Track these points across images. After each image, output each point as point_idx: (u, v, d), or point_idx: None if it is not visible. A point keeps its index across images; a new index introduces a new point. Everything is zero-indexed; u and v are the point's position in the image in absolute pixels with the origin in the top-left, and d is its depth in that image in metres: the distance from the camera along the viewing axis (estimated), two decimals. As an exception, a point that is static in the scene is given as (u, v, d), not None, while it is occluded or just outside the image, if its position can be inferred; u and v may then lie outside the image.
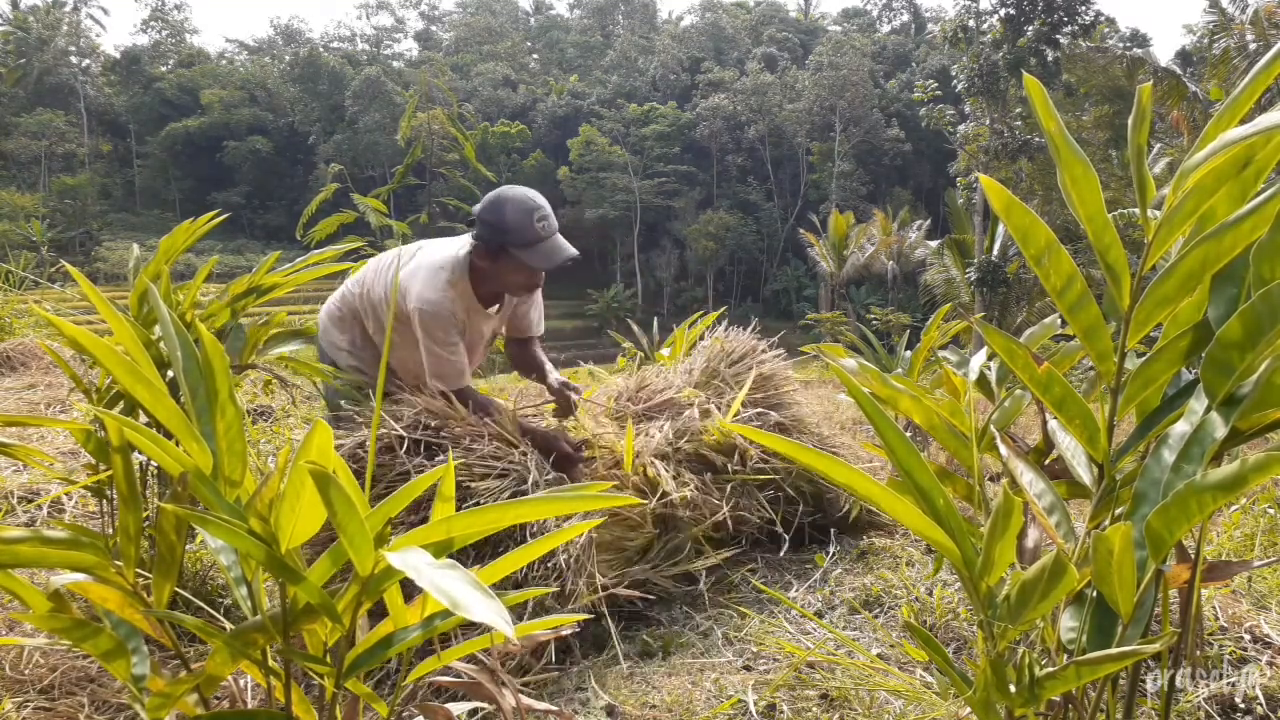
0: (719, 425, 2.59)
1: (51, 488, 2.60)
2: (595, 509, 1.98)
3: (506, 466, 2.13)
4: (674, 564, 2.32)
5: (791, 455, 1.06)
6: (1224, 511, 2.65)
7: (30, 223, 34.43)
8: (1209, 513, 0.96)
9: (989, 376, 1.79)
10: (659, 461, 2.41)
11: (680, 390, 2.78)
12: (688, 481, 2.42)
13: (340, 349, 2.63)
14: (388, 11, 71.12)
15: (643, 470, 2.37)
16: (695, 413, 2.65)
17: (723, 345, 3.06)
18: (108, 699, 1.56)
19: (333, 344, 2.64)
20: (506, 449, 2.19)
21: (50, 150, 44.74)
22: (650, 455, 2.42)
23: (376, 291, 2.54)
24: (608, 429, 2.55)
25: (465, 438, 2.18)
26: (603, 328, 36.13)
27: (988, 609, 1.03)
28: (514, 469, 2.13)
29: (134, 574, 0.98)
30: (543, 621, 1.18)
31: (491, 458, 2.14)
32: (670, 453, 2.49)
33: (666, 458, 2.47)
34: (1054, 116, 1.06)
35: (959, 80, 20.91)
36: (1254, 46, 13.62)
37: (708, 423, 2.63)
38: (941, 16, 45.20)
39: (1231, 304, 1.09)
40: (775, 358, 3.08)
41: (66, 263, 2.29)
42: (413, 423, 2.21)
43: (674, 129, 48.30)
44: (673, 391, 2.77)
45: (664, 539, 2.36)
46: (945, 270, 22.29)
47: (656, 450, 2.45)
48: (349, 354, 2.63)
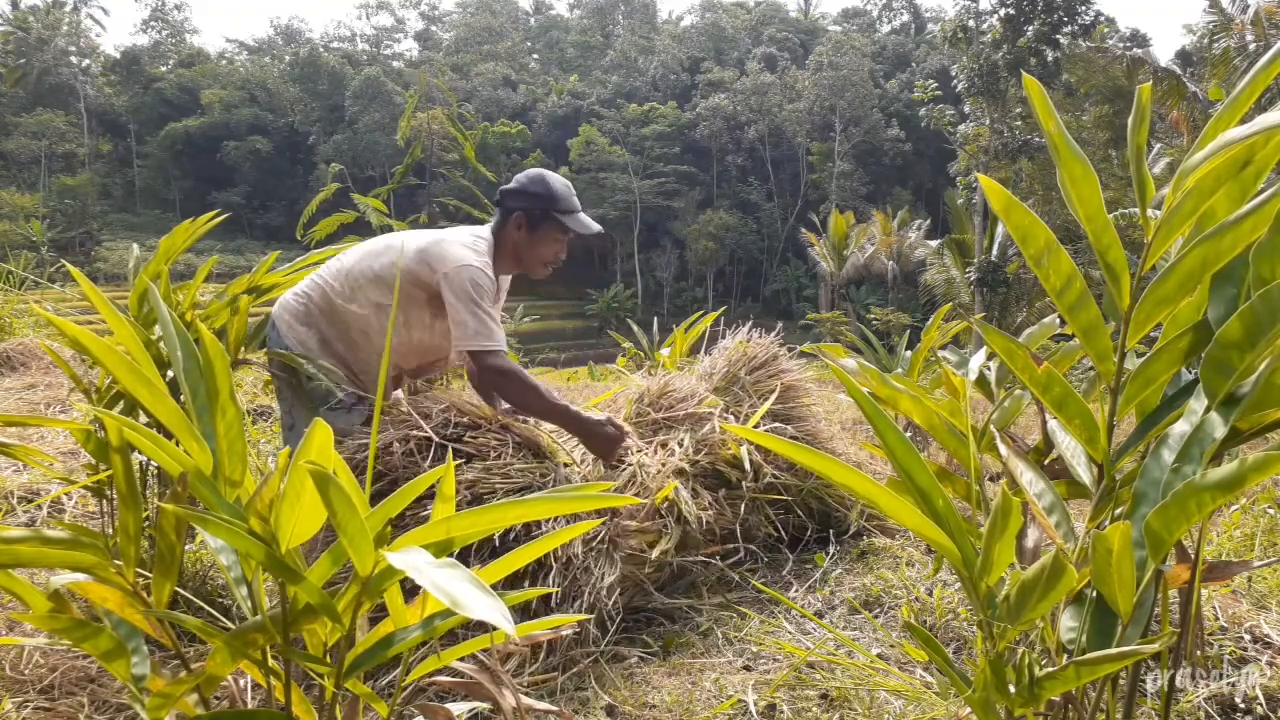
0: (735, 434, 2.59)
1: (51, 488, 2.60)
2: (595, 509, 1.99)
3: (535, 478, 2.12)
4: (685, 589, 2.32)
5: (791, 456, 1.06)
6: (1224, 511, 2.65)
7: (30, 223, 34.44)
8: (1208, 512, 0.96)
9: (989, 376, 1.79)
10: (681, 486, 2.40)
11: (701, 400, 2.76)
12: (706, 504, 2.43)
13: (310, 346, 2.53)
14: (388, 11, 71.11)
15: (666, 496, 2.36)
16: (716, 424, 2.64)
17: (745, 350, 3.04)
18: (108, 699, 1.56)
19: (300, 341, 2.53)
20: (537, 463, 2.18)
21: (50, 150, 44.73)
22: (670, 474, 2.41)
23: (375, 266, 2.43)
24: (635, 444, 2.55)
25: (492, 443, 2.16)
26: (603, 328, 36.12)
27: (987, 609, 1.03)
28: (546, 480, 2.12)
29: (134, 574, 0.98)
30: (543, 621, 1.18)
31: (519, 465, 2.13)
32: (688, 468, 2.49)
33: (684, 474, 2.46)
34: (1054, 116, 1.06)
35: (959, 80, 20.92)
36: (1254, 46, 13.62)
37: (726, 437, 2.63)
38: (941, 16, 45.24)
39: (1231, 304, 1.09)
40: (799, 368, 3.07)
41: (67, 262, 2.29)
42: (441, 422, 2.18)
43: (674, 129, 48.31)
44: (694, 403, 2.74)
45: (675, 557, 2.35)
46: (945, 270, 22.30)
47: (676, 468, 2.45)
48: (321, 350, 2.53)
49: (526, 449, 2.22)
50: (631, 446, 2.43)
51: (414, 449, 2.10)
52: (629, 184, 45.70)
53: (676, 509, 2.33)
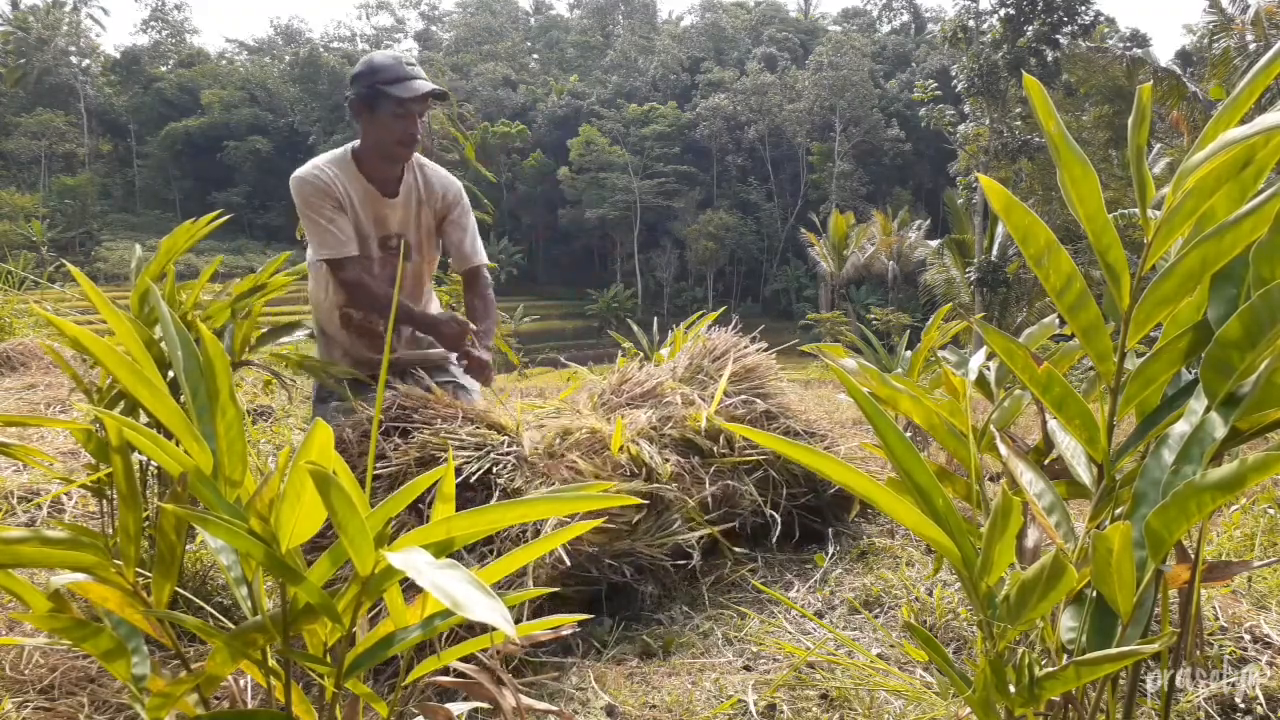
0: (707, 416, 2.59)
1: (51, 488, 2.60)
2: (595, 509, 1.98)
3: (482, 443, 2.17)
4: (665, 534, 2.30)
5: (785, 452, 1.06)
6: (1224, 511, 2.65)
7: (30, 223, 34.45)
8: (1208, 512, 0.96)
9: (988, 376, 1.79)
10: (644, 441, 2.41)
11: (662, 383, 2.79)
12: (672, 463, 2.43)
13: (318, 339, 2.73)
14: (388, 11, 71.16)
15: (628, 451, 2.36)
16: (678, 398, 2.66)
17: (705, 343, 3.09)
18: (108, 699, 1.56)
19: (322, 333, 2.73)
20: (486, 432, 2.21)
21: (50, 150, 44.75)
22: (635, 435, 2.42)
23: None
24: (590, 418, 2.55)
25: (438, 419, 2.23)
26: (603, 328, 36.12)
27: (987, 609, 1.03)
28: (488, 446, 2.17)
29: (134, 574, 0.98)
30: (543, 621, 1.18)
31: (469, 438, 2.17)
32: (655, 436, 2.50)
33: (652, 440, 2.47)
34: (1054, 116, 1.06)
35: (959, 80, 20.94)
36: (1254, 46, 13.62)
37: (692, 410, 2.63)
38: (941, 16, 45.21)
39: (1231, 304, 1.09)
40: (758, 350, 3.10)
41: (67, 262, 2.29)
42: (393, 411, 2.27)
43: (674, 129, 48.31)
44: (654, 384, 2.78)
45: (652, 515, 2.35)
46: (945, 270, 22.31)
47: (641, 432, 2.46)
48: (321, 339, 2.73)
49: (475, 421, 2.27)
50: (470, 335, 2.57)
51: (366, 433, 2.20)
52: (629, 184, 45.70)
53: (641, 464, 2.33)
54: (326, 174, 2.47)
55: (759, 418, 2.83)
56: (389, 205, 2.57)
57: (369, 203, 2.54)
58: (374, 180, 2.54)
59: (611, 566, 2.10)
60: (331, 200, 2.44)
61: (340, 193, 2.48)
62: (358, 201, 2.52)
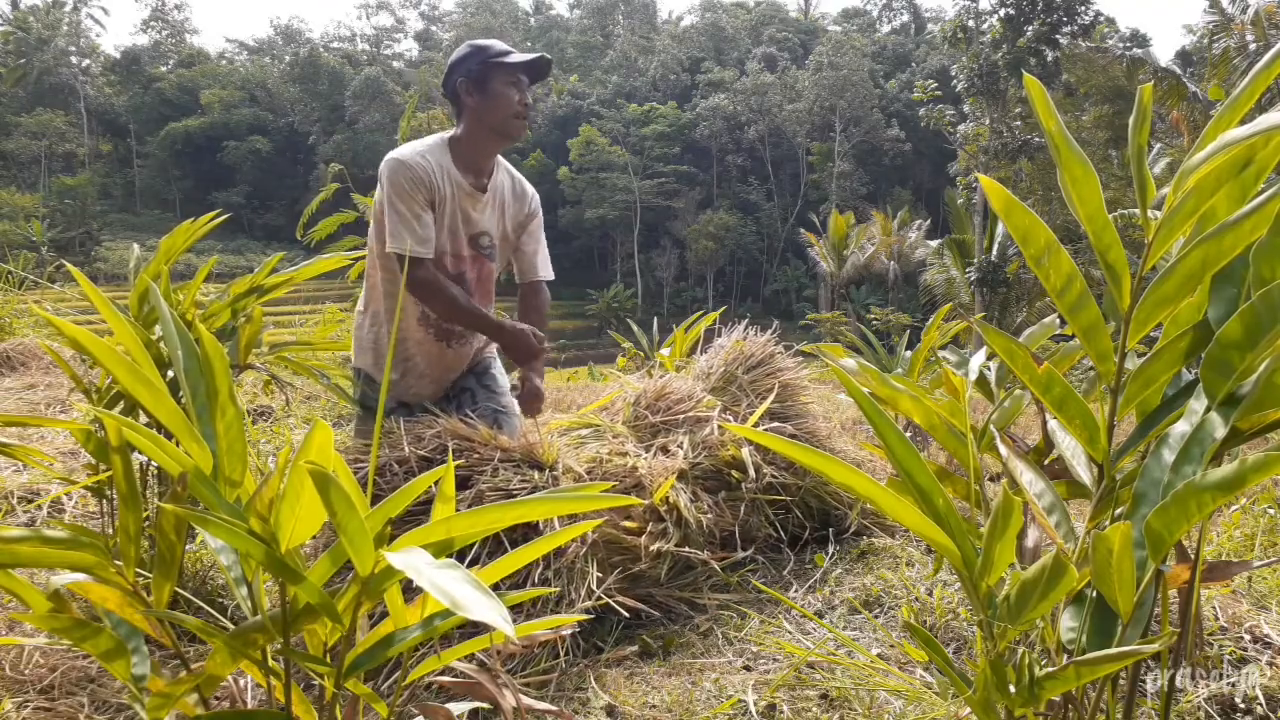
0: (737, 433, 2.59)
1: (51, 488, 2.60)
2: (596, 509, 1.98)
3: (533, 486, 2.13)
4: (687, 586, 2.31)
5: (792, 455, 1.06)
6: (1224, 511, 2.65)
7: (30, 223, 34.45)
8: (1208, 512, 0.96)
9: (989, 376, 1.79)
10: (682, 488, 2.39)
11: (699, 402, 2.75)
12: (705, 508, 2.42)
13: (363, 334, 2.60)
14: (388, 11, 71.17)
15: (666, 498, 2.35)
16: (715, 426, 2.63)
17: (741, 349, 3.02)
18: (108, 699, 1.56)
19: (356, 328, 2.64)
20: (529, 473, 2.18)
21: (50, 150, 44.77)
22: (670, 475, 2.40)
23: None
24: (625, 437, 2.53)
25: (486, 464, 2.17)
26: (603, 328, 36.13)
27: (988, 609, 1.03)
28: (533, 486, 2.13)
29: (134, 574, 0.98)
30: (543, 621, 1.18)
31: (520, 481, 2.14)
32: (688, 469, 2.49)
33: (684, 476, 2.45)
34: (1054, 116, 1.06)
35: (959, 80, 20.94)
36: (1254, 46, 13.62)
37: (725, 438, 2.62)
38: (941, 17, 45.25)
39: (1231, 304, 1.09)
40: (796, 366, 3.06)
41: (67, 262, 2.29)
42: (435, 446, 2.20)
43: (674, 129, 48.32)
44: (692, 404, 2.73)
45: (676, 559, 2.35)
46: (945, 270, 22.30)
47: (676, 469, 2.44)
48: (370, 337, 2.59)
49: (517, 460, 2.22)
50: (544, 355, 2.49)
51: (414, 468, 2.13)
52: (629, 184, 45.71)
53: (676, 511, 2.32)
54: (427, 163, 2.33)
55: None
56: (479, 202, 2.48)
57: (461, 197, 2.43)
58: (469, 173, 2.44)
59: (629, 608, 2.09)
60: (426, 192, 2.32)
61: (437, 185, 2.36)
62: (451, 195, 2.41)
